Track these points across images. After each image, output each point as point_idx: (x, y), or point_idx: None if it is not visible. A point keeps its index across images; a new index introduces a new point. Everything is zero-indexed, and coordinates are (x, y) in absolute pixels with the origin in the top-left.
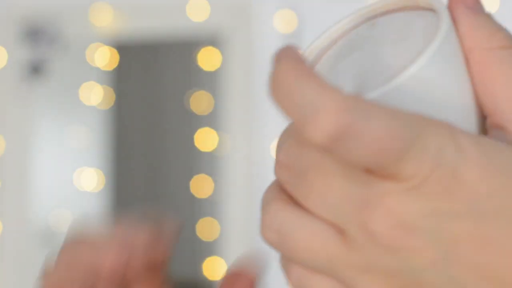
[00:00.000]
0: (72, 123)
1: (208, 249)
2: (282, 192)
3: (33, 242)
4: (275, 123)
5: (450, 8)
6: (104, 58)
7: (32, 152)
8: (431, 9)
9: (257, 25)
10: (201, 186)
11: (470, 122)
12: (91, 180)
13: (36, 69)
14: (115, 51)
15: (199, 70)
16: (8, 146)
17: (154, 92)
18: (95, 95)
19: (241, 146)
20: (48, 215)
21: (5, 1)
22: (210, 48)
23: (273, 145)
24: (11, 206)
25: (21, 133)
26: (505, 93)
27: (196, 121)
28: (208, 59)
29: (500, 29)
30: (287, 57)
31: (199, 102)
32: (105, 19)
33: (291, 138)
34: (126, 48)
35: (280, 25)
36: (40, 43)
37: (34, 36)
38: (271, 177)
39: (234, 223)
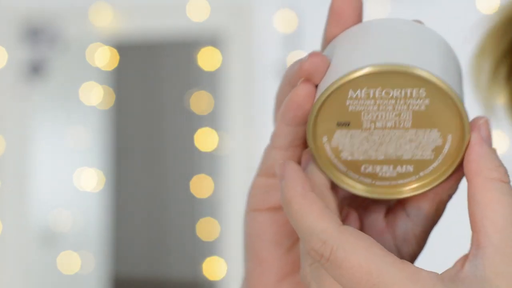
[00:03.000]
0: (72, 123)
1: (208, 249)
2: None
3: (33, 242)
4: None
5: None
6: (104, 58)
7: (32, 152)
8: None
9: (257, 25)
10: (201, 186)
11: None
12: (91, 180)
13: (36, 69)
14: (115, 51)
15: (199, 70)
16: (8, 146)
17: (154, 92)
18: (95, 95)
19: (241, 146)
20: (48, 215)
21: (5, 1)
22: (210, 48)
23: None
24: (11, 206)
25: (21, 133)
26: (495, 220)
27: (196, 121)
28: (208, 59)
29: (501, 165)
30: (293, 179)
31: (199, 102)
32: (105, 19)
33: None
34: (126, 48)
35: (280, 25)
36: (40, 43)
37: (34, 36)
38: None
39: (234, 223)
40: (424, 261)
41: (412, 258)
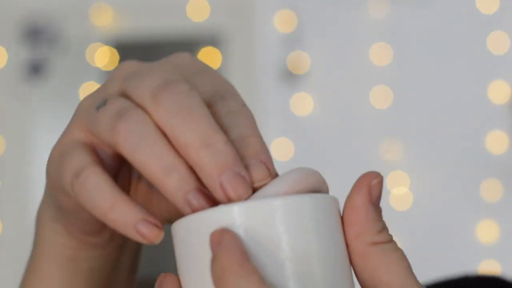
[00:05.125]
0: None
1: None
2: None
3: (33, 242)
4: (275, 123)
5: (355, 188)
6: (104, 58)
7: (32, 152)
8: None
9: (257, 25)
10: None
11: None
12: None
13: (36, 69)
14: (115, 51)
15: None
16: (8, 146)
17: None
18: None
19: None
20: None
21: (5, 1)
22: (210, 48)
23: (273, 145)
24: (11, 206)
25: (21, 133)
26: (386, 278)
27: None
28: (208, 59)
29: (385, 226)
30: (231, 247)
31: None
32: (105, 19)
33: None
34: (126, 48)
35: (280, 25)
36: (40, 43)
37: (34, 36)
38: None
39: None
40: (422, 266)
41: None
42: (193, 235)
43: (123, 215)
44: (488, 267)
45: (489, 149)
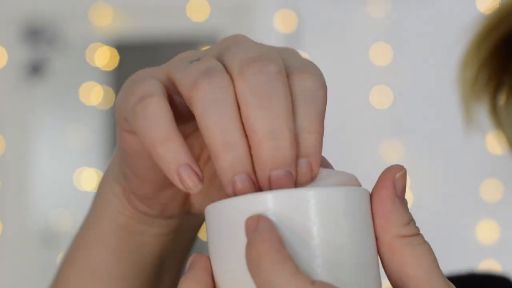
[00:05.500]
0: (72, 123)
1: (208, 248)
2: None
3: (33, 242)
4: None
5: (380, 181)
6: (104, 58)
7: (32, 152)
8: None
9: (257, 25)
10: None
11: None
12: (91, 180)
13: (36, 69)
14: (115, 51)
15: None
16: (8, 146)
17: None
18: (95, 95)
19: None
20: (48, 215)
21: (5, 1)
22: None
23: None
24: (11, 206)
25: (21, 133)
26: (416, 274)
27: None
28: None
29: (412, 219)
30: (267, 233)
31: None
32: (105, 19)
33: None
34: (126, 48)
35: (280, 25)
36: (40, 43)
37: (34, 36)
38: None
39: None
40: None
41: None
42: (228, 219)
43: (171, 153)
44: (488, 267)
45: (489, 149)
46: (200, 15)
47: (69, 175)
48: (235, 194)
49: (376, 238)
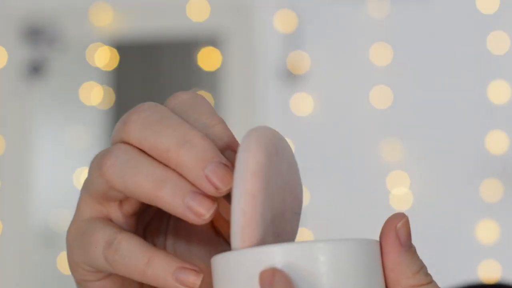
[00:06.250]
0: (72, 123)
1: None
2: None
3: (33, 242)
4: (275, 123)
5: (382, 234)
6: (104, 58)
7: (32, 152)
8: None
9: (257, 25)
10: None
11: None
12: None
13: (36, 69)
14: (115, 51)
15: (199, 70)
16: (8, 146)
17: (154, 92)
18: (95, 95)
19: None
20: (48, 215)
21: (5, 1)
22: (210, 48)
23: None
24: (11, 206)
25: (21, 133)
26: None
27: None
28: (208, 59)
29: (422, 266)
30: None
31: None
32: (105, 19)
33: None
34: (126, 48)
35: (280, 25)
36: (40, 43)
37: (34, 36)
38: None
39: None
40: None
41: None
42: (236, 271)
43: (161, 267)
44: (488, 267)
45: (489, 149)
46: (200, 15)
47: (69, 175)
48: (196, 214)
49: None
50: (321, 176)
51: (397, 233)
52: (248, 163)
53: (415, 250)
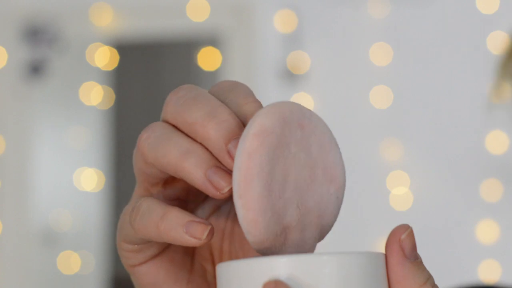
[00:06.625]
0: (72, 123)
1: None
2: None
3: (33, 242)
4: None
5: (387, 246)
6: (104, 58)
7: (32, 152)
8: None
9: (257, 25)
10: None
11: None
12: (91, 180)
13: (36, 69)
14: (115, 51)
15: (199, 70)
16: (8, 146)
17: (154, 92)
18: (95, 95)
19: None
20: (48, 215)
21: (5, 1)
22: (210, 48)
23: None
24: (11, 206)
25: (21, 133)
26: None
27: None
28: (208, 59)
29: (429, 277)
30: None
31: None
32: (105, 19)
33: None
34: (126, 48)
35: (280, 25)
36: (40, 43)
37: (34, 36)
38: None
39: None
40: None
41: None
42: (240, 280)
43: (173, 220)
44: (488, 267)
45: (489, 149)
46: (200, 15)
47: (69, 175)
48: (215, 188)
49: None
50: None
51: (401, 245)
52: (252, 125)
53: (421, 261)
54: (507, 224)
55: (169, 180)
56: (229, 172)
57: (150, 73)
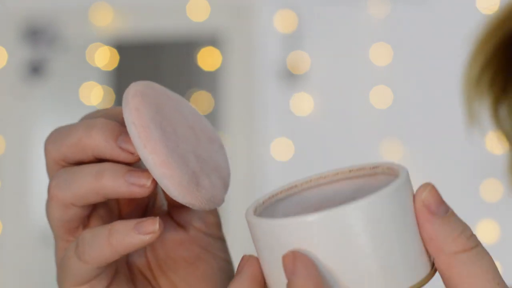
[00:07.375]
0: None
1: None
2: None
3: (33, 242)
4: (275, 123)
5: (415, 211)
6: (104, 58)
7: (32, 152)
8: (388, 174)
9: (257, 25)
10: None
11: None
12: None
13: (36, 69)
14: (115, 51)
15: (199, 70)
16: (8, 146)
17: None
18: (95, 95)
19: (241, 146)
20: None
21: (5, 1)
22: (210, 48)
23: (273, 145)
24: (11, 206)
25: (21, 133)
26: None
27: None
28: (208, 59)
29: (463, 230)
30: (304, 276)
31: (199, 102)
32: (105, 19)
33: None
34: (126, 48)
35: (280, 25)
36: (40, 43)
37: (34, 36)
38: (271, 177)
39: (234, 224)
40: None
41: None
42: (266, 236)
43: (121, 229)
44: None
45: (489, 149)
46: (200, 15)
47: None
48: (139, 186)
49: (434, 260)
50: None
51: (424, 203)
52: (128, 92)
53: (452, 213)
54: (507, 224)
55: (86, 224)
56: (143, 170)
57: (150, 73)
